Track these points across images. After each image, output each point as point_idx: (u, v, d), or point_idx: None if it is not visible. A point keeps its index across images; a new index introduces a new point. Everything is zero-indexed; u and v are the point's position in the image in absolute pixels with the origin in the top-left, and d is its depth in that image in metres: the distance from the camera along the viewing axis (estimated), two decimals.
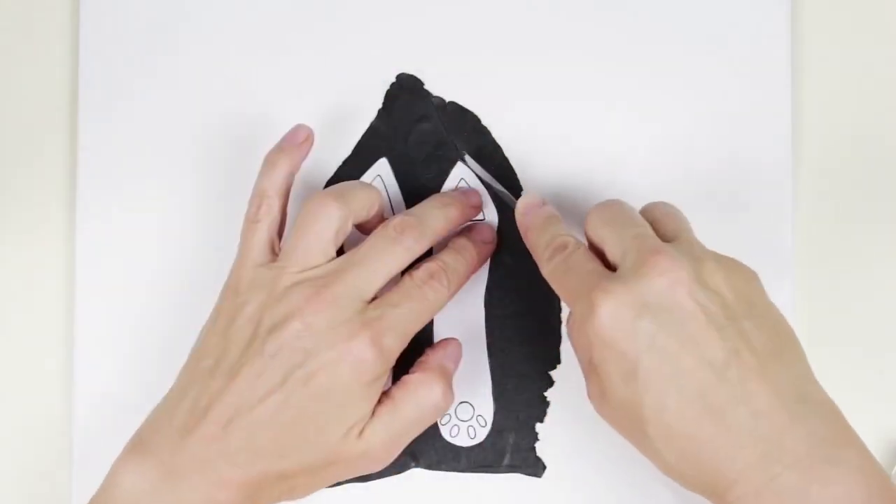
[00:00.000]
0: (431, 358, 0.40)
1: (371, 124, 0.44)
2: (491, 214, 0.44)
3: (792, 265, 0.43)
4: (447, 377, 0.40)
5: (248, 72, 0.45)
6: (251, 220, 0.39)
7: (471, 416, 0.44)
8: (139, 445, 0.37)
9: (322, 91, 0.45)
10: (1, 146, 0.46)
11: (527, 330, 0.44)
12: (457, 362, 0.42)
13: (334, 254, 0.39)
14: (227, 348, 0.37)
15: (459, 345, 0.42)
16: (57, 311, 0.45)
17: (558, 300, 0.43)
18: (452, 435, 0.44)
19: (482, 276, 0.44)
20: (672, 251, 0.35)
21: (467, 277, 0.41)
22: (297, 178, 0.41)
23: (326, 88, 0.45)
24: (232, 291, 0.39)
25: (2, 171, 0.46)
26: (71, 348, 0.45)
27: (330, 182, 0.44)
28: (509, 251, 0.43)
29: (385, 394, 0.38)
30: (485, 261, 0.42)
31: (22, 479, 0.45)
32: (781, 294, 0.43)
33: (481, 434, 0.43)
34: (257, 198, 0.40)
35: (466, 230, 0.42)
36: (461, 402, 0.44)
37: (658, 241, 0.36)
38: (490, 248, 0.43)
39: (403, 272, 0.39)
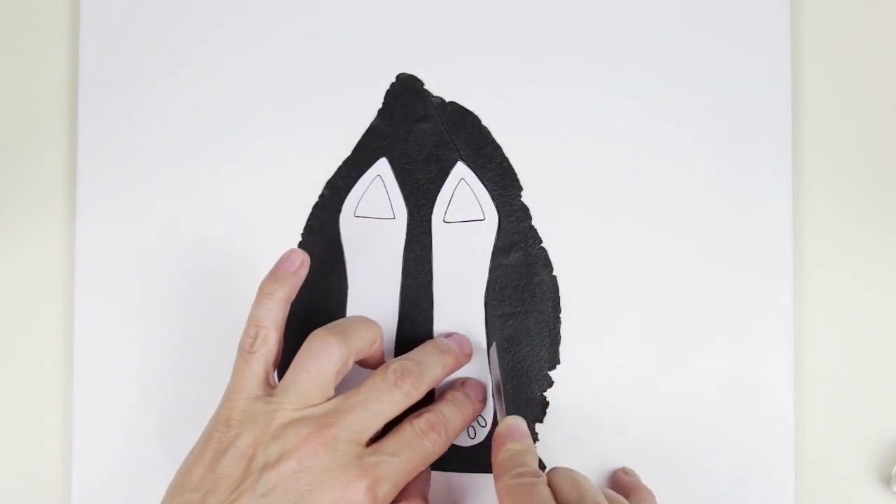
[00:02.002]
0: (412, 486, 0.40)
1: (371, 124, 0.44)
2: (491, 217, 0.44)
3: (792, 265, 0.43)
4: (426, 500, 0.40)
5: (248, 71, 0.45)
6: (246, 351, 0.38)
7: None
8: None
9: (322, 91, 0.45)
10: (1, 146, 0.46)
11: (526, 330, 0.44)
12: (428, 488, 0.42)
13: (333, 393, 0.38)
14: (216, 483, 0.36)
15: (430, 472, 0.42)
16: (57, 312, 0.45)
17: (558, 300, 0.43)
18: None
19: (482, 276, 0.44)
20: None
21: (461, 431, 0.41)
22: (298, 178, 0.41)
23: (326, 88, 0.45)
24: (223, 422, 0.37)
25: (2, 171, 0.46)
26: (71, 348, 0.45)
27: (330, 181, 0.44)
28: (508, 253, 0.43)
29: None
30: (476, 417, 0.42)
31: (22, 479, 0.45)
32: (781, 294, 0.43)
33: (481, 434, 0.43)
34: (253, 328, 0.39)
35: (462, 385, 0.42)
36: None
37: None
38: (482, 406, 0.43)
39: (401, 416, 0.39)
